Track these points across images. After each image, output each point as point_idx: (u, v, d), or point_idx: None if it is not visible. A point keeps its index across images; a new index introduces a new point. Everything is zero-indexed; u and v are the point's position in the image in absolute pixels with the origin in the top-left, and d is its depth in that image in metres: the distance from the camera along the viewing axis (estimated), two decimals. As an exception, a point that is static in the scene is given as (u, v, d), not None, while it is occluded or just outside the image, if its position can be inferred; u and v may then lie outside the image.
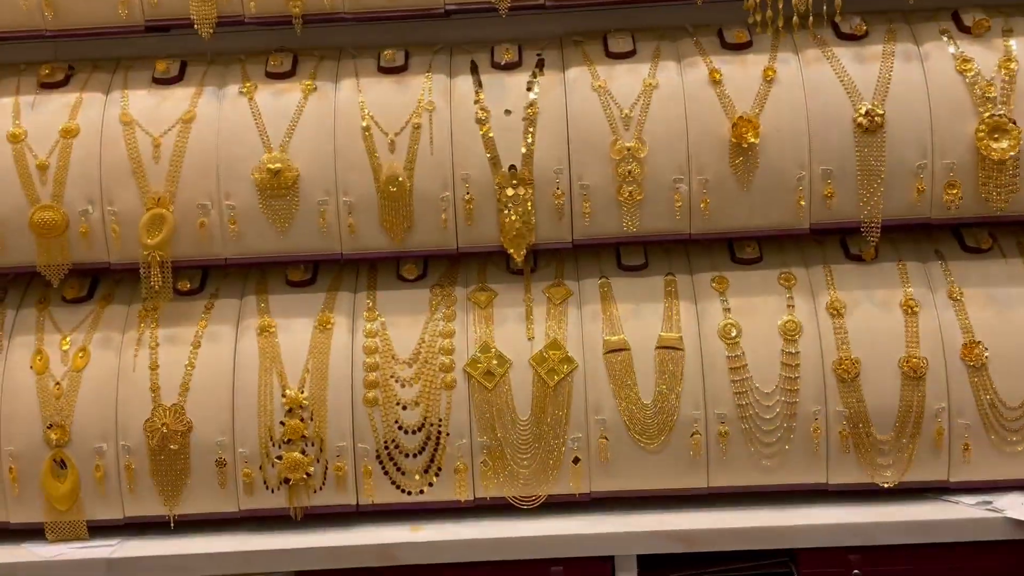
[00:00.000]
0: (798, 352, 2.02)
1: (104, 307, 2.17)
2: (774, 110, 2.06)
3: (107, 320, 2.15)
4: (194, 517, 2.05)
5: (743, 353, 2.03)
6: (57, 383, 2.06)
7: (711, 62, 2.11)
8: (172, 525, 2.04)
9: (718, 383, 2.02)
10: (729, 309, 2.07)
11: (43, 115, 2.12)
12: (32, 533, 2.04)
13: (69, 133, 2.09)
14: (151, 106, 2.13)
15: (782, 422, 2.00)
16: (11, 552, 2.00)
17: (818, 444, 2.00)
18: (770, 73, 2.08)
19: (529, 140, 2.07)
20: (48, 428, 2.02)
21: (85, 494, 2.03)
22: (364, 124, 2.08)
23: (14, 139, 2.09)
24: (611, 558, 1.95)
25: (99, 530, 2.05)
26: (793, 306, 2.07)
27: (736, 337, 2.04)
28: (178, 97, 2.14)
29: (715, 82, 2.08)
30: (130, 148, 2.08)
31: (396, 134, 2.08)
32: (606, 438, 2.01)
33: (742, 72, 2.09)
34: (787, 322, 2.04)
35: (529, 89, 2.10)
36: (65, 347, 2.10)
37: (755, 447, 2.00)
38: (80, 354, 2.09)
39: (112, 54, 2.25)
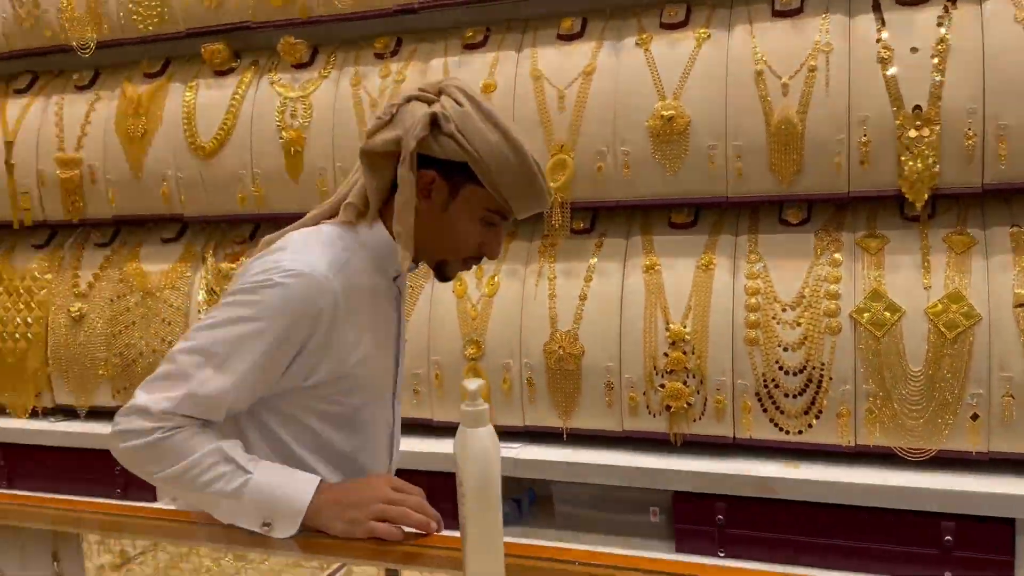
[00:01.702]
0: None
1: (509, 242, 2.38)
2: None
3: (512, 253, 2.36)
4: (582, 431, 2.21)
5: None
6: (473, 306, 2.32)
7: None
8: (564, 436, 2.21)
9: None
10: None
11: (467, 72, 2.34)
12: (449, 430, 2.33)
13: (488, 88, 2.30)
14: (557, 61, 2.27)
15: None
16: (433, 444, 2.30)
17: None
18: None
19: (938, 79, 1.89)
20: (466, 343, 2.29)
21: (494, 402, 2.27)
22: (757, 69, 2.04)
23: (444, 95, 2.35)
24: (1011, 521, 1.78)
25: (504, 435, 2.27)
26: None
27: None
28: (580, 52, 2.25)
29: None
30: (539, 100, 2.24)
31: (790, 77, 2.01)
32: (1012, 396, 1.82)
33: None
34: None
35: (940, 25, 1.92)
36: (479, 275, 2.35)
37: None
38: (491, 282, 2.32)
39: (520, 15, 2.42)
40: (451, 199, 1.26)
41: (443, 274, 1.35)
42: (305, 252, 1.26)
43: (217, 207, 2.64)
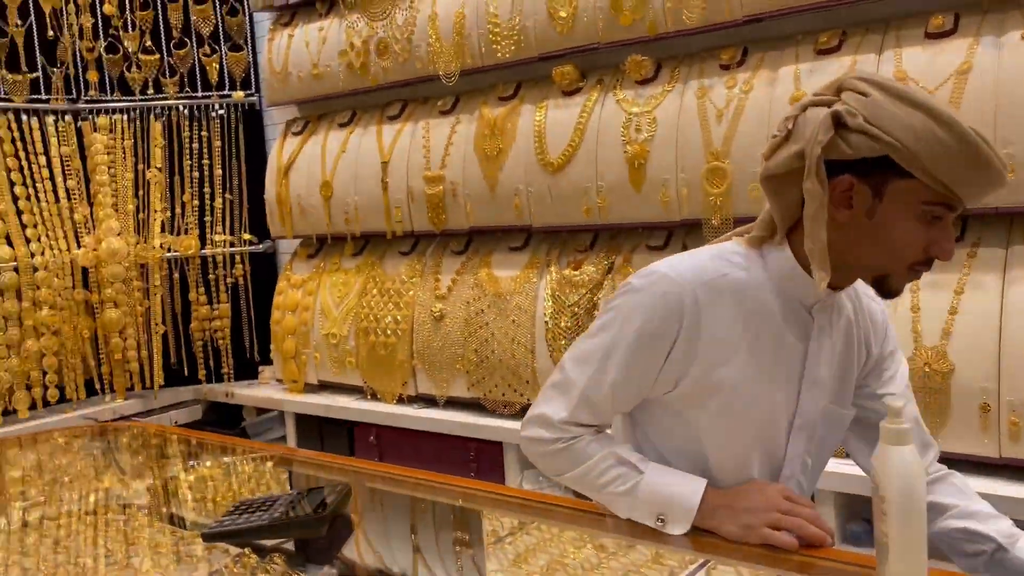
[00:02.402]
0: None
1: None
2: None
3: (867, 264, 2.26)
4: (951, 455, 2.06)
5: None
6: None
7: None
8: (928, 459, 2.08)
9: None
10: None
11: (820, 79, 2.27)
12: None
13: (845, 93, 2.23)
14: (924, 61, 2.14)
15: None
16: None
17: None
18: None
19: None
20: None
21: (847, 417, 2.19)
22: None
23: (795, 102, 2.31)
24: None
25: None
26: None
27: None
28: (952, 49, 2.11)
29: None
30: (903, 103, 2.13)
31: None
32: None
33: None
34: None
35: None
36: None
37: None
38: (844, 293, 2.25)
39: (880, 15, 2.32)
40: (876, 201, 1.14)
41: (886, 289, 1.22)
42: (676, 259, 1.31)
43: (563, 218, 2.83)
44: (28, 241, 3.45)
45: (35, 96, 3.58)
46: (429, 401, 3.19)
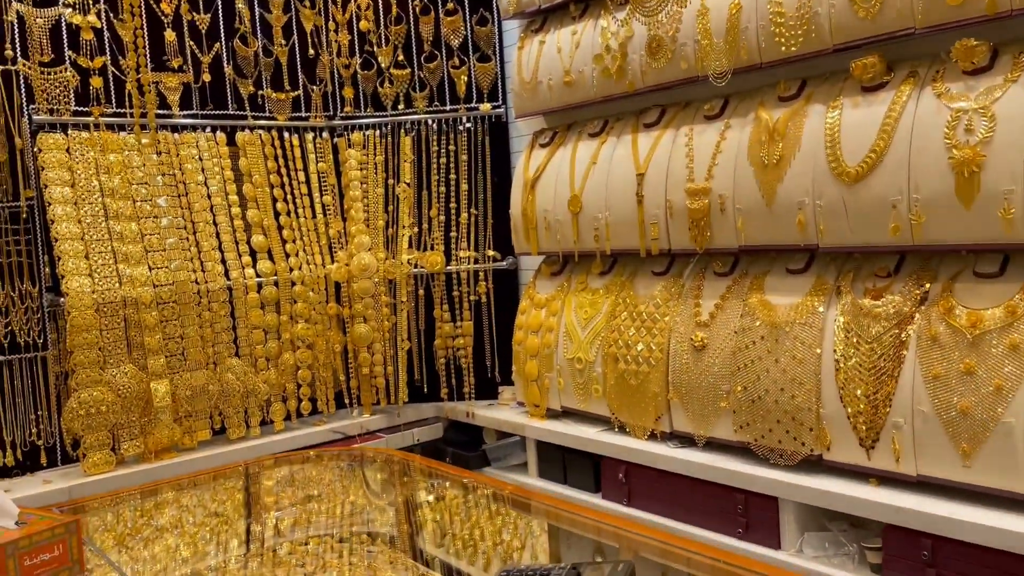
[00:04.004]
0: None
1: None
2: None
3: None
4: None
5: None
6: None
7: None
8: None
9: None
10: None
11: None
12: None
13: None
14: None
15: None
16: None
17: None
18: None
19: None
20: None
21: None
22: None
23: None
24: None
25: None
26: None
27: None
28: None
29: None
30: None
31: None
32: None
33: None
34: None
35: None
36: None
37: None
38: None
39: None
40: None
41: None
42: None
43: (861, 236, 2.35)
44: (287, 256, 3.49)
45: (296, 114, 3.63)
46: (686, 440, 2.82)
